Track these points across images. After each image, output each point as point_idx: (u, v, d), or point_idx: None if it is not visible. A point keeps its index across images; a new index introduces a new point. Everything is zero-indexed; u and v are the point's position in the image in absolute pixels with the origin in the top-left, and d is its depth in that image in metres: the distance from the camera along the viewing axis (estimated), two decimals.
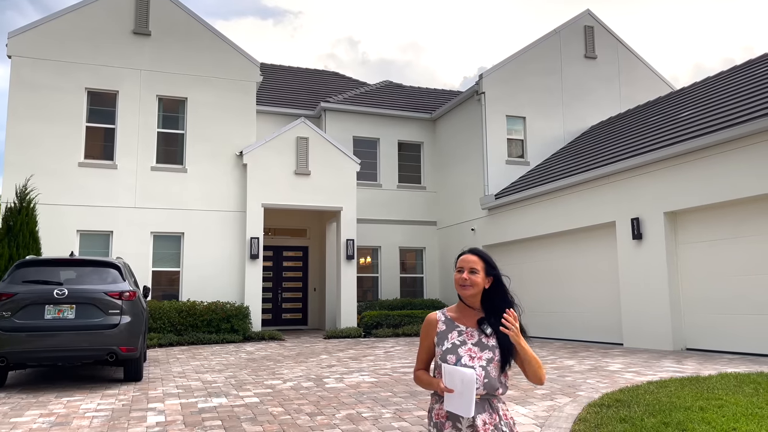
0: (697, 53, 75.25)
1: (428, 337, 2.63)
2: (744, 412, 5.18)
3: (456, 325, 2.59)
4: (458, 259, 2.65)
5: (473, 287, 2.57)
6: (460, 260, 2.63)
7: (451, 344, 2.54)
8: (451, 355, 2.50)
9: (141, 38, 15.64)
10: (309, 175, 16.35)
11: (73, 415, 6.17)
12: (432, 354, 2.63)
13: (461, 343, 2.54)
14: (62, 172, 14.46)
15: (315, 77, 23.79)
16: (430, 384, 2.54)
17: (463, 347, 2.52)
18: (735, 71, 14.16)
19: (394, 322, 16.06)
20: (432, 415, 2.56)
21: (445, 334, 2.58)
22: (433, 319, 2.64)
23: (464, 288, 2.58)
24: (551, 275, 14.70)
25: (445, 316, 2.64)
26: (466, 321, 2.60)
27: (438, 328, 2.61)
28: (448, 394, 2.38)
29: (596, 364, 9.26)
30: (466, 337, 2.55)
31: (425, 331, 2.65)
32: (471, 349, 2.51)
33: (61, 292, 7.65)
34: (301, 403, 6.63)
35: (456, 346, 2.53)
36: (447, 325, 2.61)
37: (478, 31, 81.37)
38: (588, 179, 13.21)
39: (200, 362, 10.43)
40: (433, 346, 2.61)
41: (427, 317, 2.67)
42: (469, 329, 2.57)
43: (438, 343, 2.57)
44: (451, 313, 2.65)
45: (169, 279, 15.23)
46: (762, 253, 9.78)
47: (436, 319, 2.64)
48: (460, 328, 2.58)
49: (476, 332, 2.56)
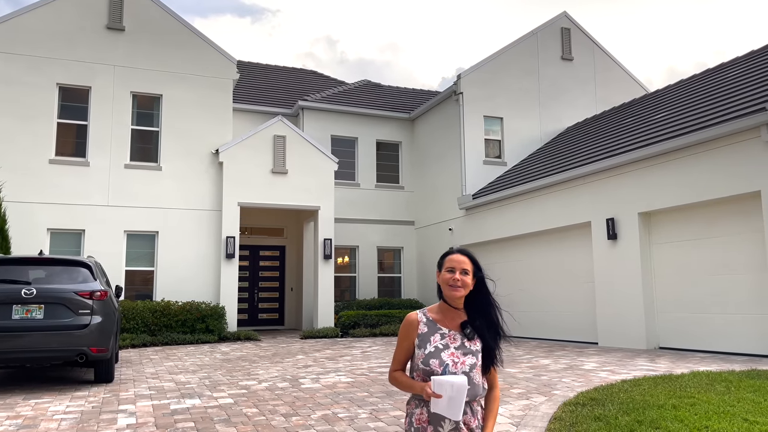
0: (670, 57, 76.54)
1: (408, 338, 2.52)
2: (716, 410, 5.24)
3: (438, 327, 2.50)
4: (445, 258, 2.56)
5: (464, 288, 2.50)
6: (450, 260, 2.53)
7: (434, 348, 2.45)
8: (434, 360, 2.41)
9: (115, 33, 15.36)
10: (286, 174, 16.22)
11: (41, 418, 6.02)
12: (410, 355, 2.53)
13: (444, 346, 2.45)
14: (33, 170, 14.14)
15: (293, 76, 23.65)
16: (411, 387, 2.44)
17: (446, 351, 2.44)
18: (707, 75, 14.39)
19: (371, 322, 16.02)
20: (413, 420, 2.46)
21: (427, 337, 2.48)
22: (414, 320, 2.53)
23: (455, 289, 2.49)
24: (528, 275, 14.80)
25: (427, 317, 2.53)
26: (449, 323, 2.51)
27: (419, 329, 2.50)
28: (435, 399, 2.32)
29: (572, 363, 9.33)
30: (448, 341, 2.47)
31: (405, 332, 2.53)
32: (454, 354, 2.43)
33: (30, 292, 7.46)
34: (276, 404, 6.55)
35: (439, 350, 2.44)
36: (429, 326, 2.51)
37: (456, 32, 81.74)
38: (564, 180, 13.32)
39: (174, 363, 10.27)
40: (412, 347, 2.51)
41: (407, 317, 2.56)
42: (452, 332, 2.49)
43: (419, 346, 2.48)
44: (433, 314, 2.55)
45: (143, 278, 14.99)
46: (731, 254, 9.95)
47: (418, 320, 2.53)
48: (442, 331, 2.49)
49: (459, 335, 2.48)
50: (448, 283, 2.49)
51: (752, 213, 9.62)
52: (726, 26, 75.20)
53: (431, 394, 2.30)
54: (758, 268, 9.49)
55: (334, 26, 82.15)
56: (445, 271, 2.51)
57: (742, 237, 9.82)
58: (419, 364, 2.45)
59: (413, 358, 2.51)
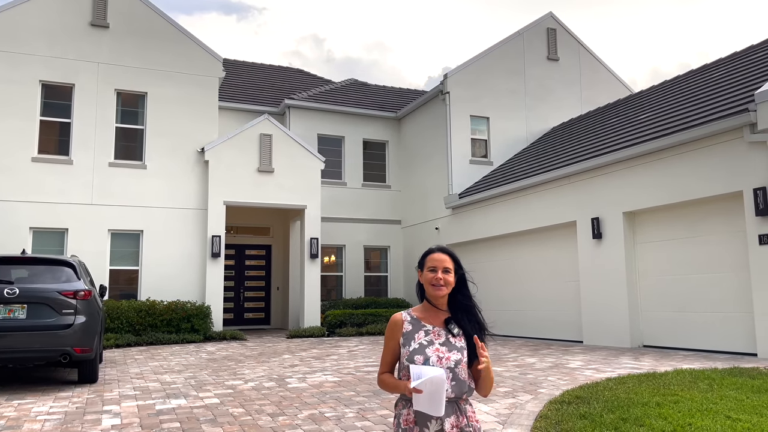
0: (654, 58, 77.27)
1: (393, 338, 2.53)
2: (699, 408, 5.30)
3: (423, 325, 2.52)
4: (426, 257, 2.57)
5: (447, 287, 2.52)
6: (431, 259, 2.55)
7: (418, 344, 2.46)
8: (419, 356, 2.42)
9: (99, 30, 15.20)
10: (272, 172, 16.16)
11: (24, 419, 5.95)
12: (397, 356, 2.53)
13: (428, 343, 2.47)
14: (15, 168, 13.96)
15: (279, 74, 23.55)
16: (396, 387, 2.44)
17: (431, 347, 2.45)
18: (691, 75, 14.55)
19: (358, 321, 16.01)
20: (400, 421, 2.45)
21: (411, 335, 2.50)
22: (399, 320, 2.55)
23: (438, 288, 2.51)
24: (514, 274, 14.87)
25: (411, 316, 2.56)
26: (433, 320, 2.53)
27: (404, 328, 2.52)
28: (417, 394, 2.29)
29: (557, 362, 9.39)
30: (433, 337, 2.48)
31: (390, 332, 2.55)
32: (438, 349, 2.45)
33: (12, 292, 7.37)
34: (263, 404, 6.53)
35: (423, 347, 2.45)
36: (413, 324, 2.53)
37: (443, 31, 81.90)
38: (550, 179, 13.40)
39: (159, 363, 10.19)
40: (398, 347, 2.52)
41: (392, 317, 2.57)
42: (436, 329, 2.51)
43: (404, 344, 2.49)
44: (417, 313, 2.57)
45: (128, 278, 14.86)
46: (714, 253, 10.07)
47: (402, 320, 2.55)
48: (426, 328, 2.51)
49: (443, 332, 2.50)
50: (431, 282, 2.51)
51: (735, 213, 9.74)
52: (709, 28, 76.09)
53: (412, 390, 2.28)
54: (740, 267, 9.62)
55: (321, 25, 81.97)
56: (427, 270, 2.53)
57: (724, 236, 9.94)
58: (404, 361, 2.45)
59: (400, 358, 2.51)
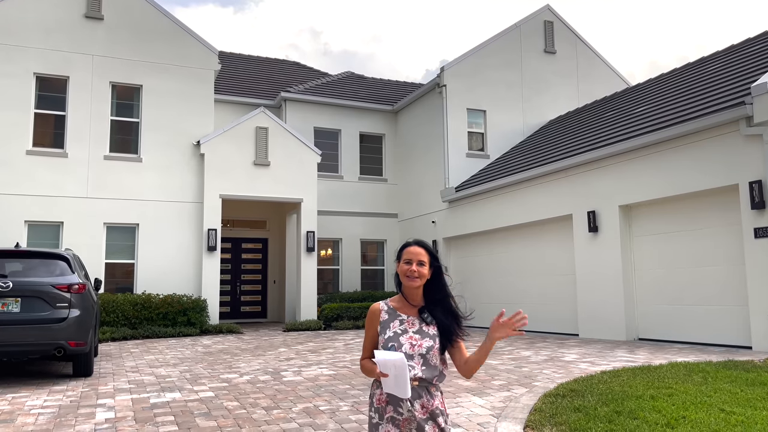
0: (652, 51, 77.15)
1: (372, 326, 2.68)
2: (693, 401, 5.31)
3: (398, 314, 2.66)
4: (403, 250, 2.69)
5: (420, 279, 2.63)
6: (407, 252, 2.66)
7: (393, 333, 2.60)
8: (393, 343, 2.56)
9: (93, 22, 15.10)
10: (269, 165, 16.11)
11: (18, 412, 5.93)
12: (375, 343, 2.68)
13: (403, 331, 2.60)
14: (9, 161, 13.89)
15: (275, 67, 23.46)
16: (371, 371, 2.58)
17: (405, 335, 2.58)
18: (687, 69, 14.52)
19: (354, 315, 16.01)
20: (373, 400, 2.61)
21: (387, 323, 2.64)
22: (376, 309, 2.70)
23: (412, 279, 2.62)
24: (510, 267, 14.88)
25: (388, 306, 2.70)
26: (408, 310, 2.67)
27: (381, 317, 2.67)
28: (384, 378, 2.43)
29: (552, 355, 9.40)
30: (407, 326, 2.62)
31: (369, 321, 2.70)
32: (412, 337, 2.58)
33: (5, 285, 7.33)
34: (258, 397, 6.52)
35: (398, 335, 2.59)
36: (389, 314, 2.67)
37: (440, 24, 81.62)
38: (546, 173, 13.38)
39: (154, 356, 10.18)
40: (376, 335, 2.66)
41: (371, 308, 2.72)
42: (411, 318, 2.64)
43: (381, 332, 2.63)
44: (394, 303, 2.71)
45: (124, 271, 14.83)
46: (709, 246, 10.08)
47: (379, 309, 2.69)
48: (401, 317, 2.65)
49: (417, 320, 2.63)
50: (405, 273, 2.64)
51: (730, 206, 9.74)
52: (707, 20, 75.97)
53: (378, 374, 2.44)
54: (735, 260, 9.63)
55: (318, 17, 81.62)
56: (403, 262, 2.65)
57: (720, 230, 9.95)
58: (380, 348, 2.59)
59: (377, 345, 2.66)
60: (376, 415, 2.59)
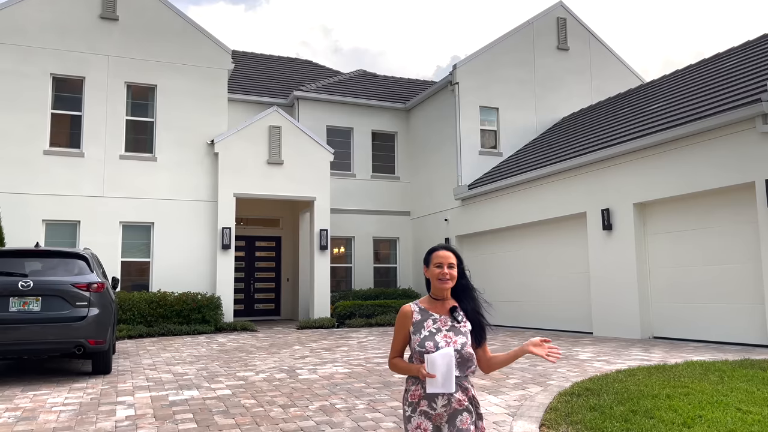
0: (666, 47, 76.45)
1: (404, 327, 2.82)
2: (709, 400, 5.30)
3: (430, 314, 2.80)
4: (432, 254, 2.85)
5: (452, 281, 2.81)
6: (436, 256, 2.83)
7: (428, 332, 2.75)
8: (429, 342, 2.71)
9: (108, 23, 15.25)
10: (282, 164, 16.20)
11: (40, 410, 6.04)
12: (406, 343, 2.83)
13: (437, 330, 2.75)
14: (27, 161, 14.08)
15: (287, 65, 23.53)
16: (408, 370, 2.74)
17: (439, 334, 2.74)
18: (702, 65, 14.40)
19: (367, 312, 16.07)
20: (408, 395, 2.76)
21: (421, 323, 2.78)
22: (408, 311, 2.83)
23: (444, 282, 2.80)
24: (523, 265, 14.86)
25: (419, 307, 2.84)
26: (439, 310, 2.82)
27: (414, 318, 2.80)
28: (430, 379, 2.59)
29: (567, 353, 9.40)
30: (440, 325, 2.77)
31: (400, 323, 2.83)
32: (446, 335, 2.74)
33: (26, 284, 7.46)
34: (274, 395, 6.59)
35: (433, 334, 2.74)
36: (422, 314, 2.81)
37: (451, 20, 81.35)
38: (559, 170, 13.35)
39: (171, 354, 10.30)
40: (408, 335, 2.80)
41: (402, 309, 2.85)
42: (443, 317, 2.80)
43: (414, 332, 2.77)
44: (424, 304, 2.85)
45: (139, 269, 14.99)
46: (725, 244, 10.01)
47: (411, 311, 2.83)
48: (434, 317, 2.79)
49: (449, 319, 2.79)
50: (437, 277, 2.80)
51: (746, 204, 9.67)
52: (723, 16, 75.12)
53: (426, 375, 2.60)
54: (751, 258, 9.56)
55: (329, 14, 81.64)
56: (434, 266, 2.82)
57: (736, 228, 9.88)
58: (416, 347, 2.74)
59: (410, 345, 2.81)
60: (410, 409, 2.74)
